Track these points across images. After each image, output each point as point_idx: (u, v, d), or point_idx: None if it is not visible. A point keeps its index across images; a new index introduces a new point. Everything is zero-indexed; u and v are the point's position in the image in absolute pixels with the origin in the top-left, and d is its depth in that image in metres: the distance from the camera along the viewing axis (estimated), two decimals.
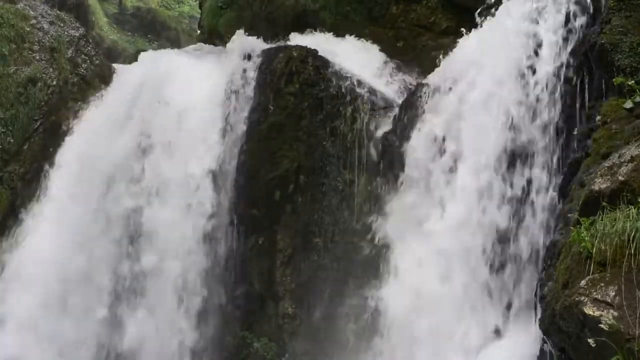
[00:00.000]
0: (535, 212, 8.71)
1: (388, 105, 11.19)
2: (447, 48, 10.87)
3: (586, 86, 8.63)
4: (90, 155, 11.86)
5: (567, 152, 8.63)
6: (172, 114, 11.74)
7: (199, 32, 18.67)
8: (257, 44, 12.25)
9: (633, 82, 7.75)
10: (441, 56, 10.68)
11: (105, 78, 13.09)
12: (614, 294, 5.75)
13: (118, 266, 11.24)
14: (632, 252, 5.88)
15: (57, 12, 14.12)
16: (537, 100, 8.92)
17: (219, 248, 11.25)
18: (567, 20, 9.07)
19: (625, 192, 6.41)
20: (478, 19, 10.24)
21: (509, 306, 8.68)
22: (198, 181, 11.32)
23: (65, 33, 13.08)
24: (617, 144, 7.27)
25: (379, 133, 10.86)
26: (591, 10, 8.98)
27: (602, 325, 5.57)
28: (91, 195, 11.58)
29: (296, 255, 10.96)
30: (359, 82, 11.33)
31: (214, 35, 15.26)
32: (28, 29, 12.66)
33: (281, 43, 12.60)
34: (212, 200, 11.27)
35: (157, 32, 27.36)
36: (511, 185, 8.97)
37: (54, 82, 12.35)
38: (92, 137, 12.05)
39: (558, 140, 8.74)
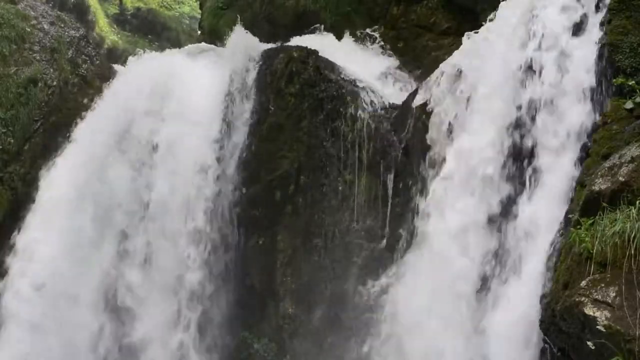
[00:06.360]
0: None
1: (388, 106, 11.18)
2: (448, 48, 10.86)
3: None
4: (91, 156, 11.84)
5: None
6: (173, 115, 11.73)
7: (199, 32, 18.66)
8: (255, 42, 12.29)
9: (633, 82, 7.76)
10: None
11: (105, 78, 13.08)
12: (614, 294, 5.76)
13: (112, 274, 11.24)
14: (633, 252, 5.88)
15: (58, 12, 14.14)
16: None
17: (220, 248, 11.24)
18: None
19: (626, 192, 6.41)
20: None
21: None
22: (198, 181, 11.31)
23: (66, 34, 13.07)
24: (618, 144, 7.27)
25: (380, 133, 10.85)
26: None
27: (601, 326, 5.57)
28: (92, 197, 11.57)
29: (296, 255, 10.96)
30: (359, 83, 11.32)
31: (215, 35, 15.24)
32: (29, 30, 12.66)
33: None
34: (212, 201, 11.27)
35: (157, 32, 27.36)
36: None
37: (55, 83, 12.34)
38: (93, 138, 12.04)
39: None
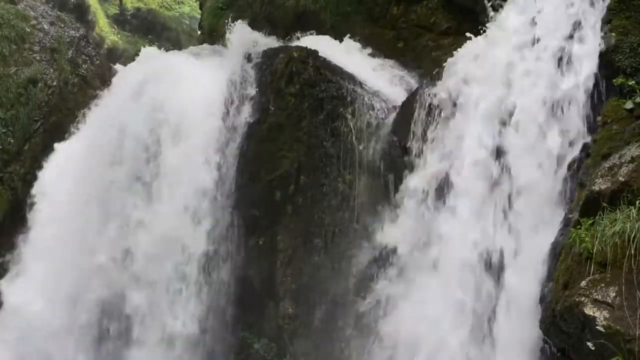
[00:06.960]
0: None
1: (388, 106, 11.17)
2: (448, 48, 10.85)
3: None
4: (92, 155, 11.85)
5: None
6: (173, 115, 11.72)
7: (199, 32, 18.67)
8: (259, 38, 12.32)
9: (633, 82, 7.76)
10: None
11: (105, 78, 13.09)
12: (614, 294, 5.76)
13: (115, 274, 11.23)
14: (633, 252, 5.89)
15: (58, 12, 14.18)
16: None
17: (220, 248, 11.24)
18: None
19: (626, 192, 6.42)
20: None
21: None
22: (198, 181, 11.31)
23: (66, 34, 13.09)
24: (618, 144, 7.28)
25: (380, 133, 10.86)
26: None
27: (601, 326, 5.57)
28: (92, 197, 11.57)
29: (296, 255, 10.95)
30: (359, 83, 11.32)
31: (215, 36, 15.24)
32: (28, 30, 12.68)
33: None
34: (212, 201, 11.26)
35: (157, 32, 27.35)
36: None
37: (55, 83, 12.36)
38: (94, 137, 12.04)
39: None
